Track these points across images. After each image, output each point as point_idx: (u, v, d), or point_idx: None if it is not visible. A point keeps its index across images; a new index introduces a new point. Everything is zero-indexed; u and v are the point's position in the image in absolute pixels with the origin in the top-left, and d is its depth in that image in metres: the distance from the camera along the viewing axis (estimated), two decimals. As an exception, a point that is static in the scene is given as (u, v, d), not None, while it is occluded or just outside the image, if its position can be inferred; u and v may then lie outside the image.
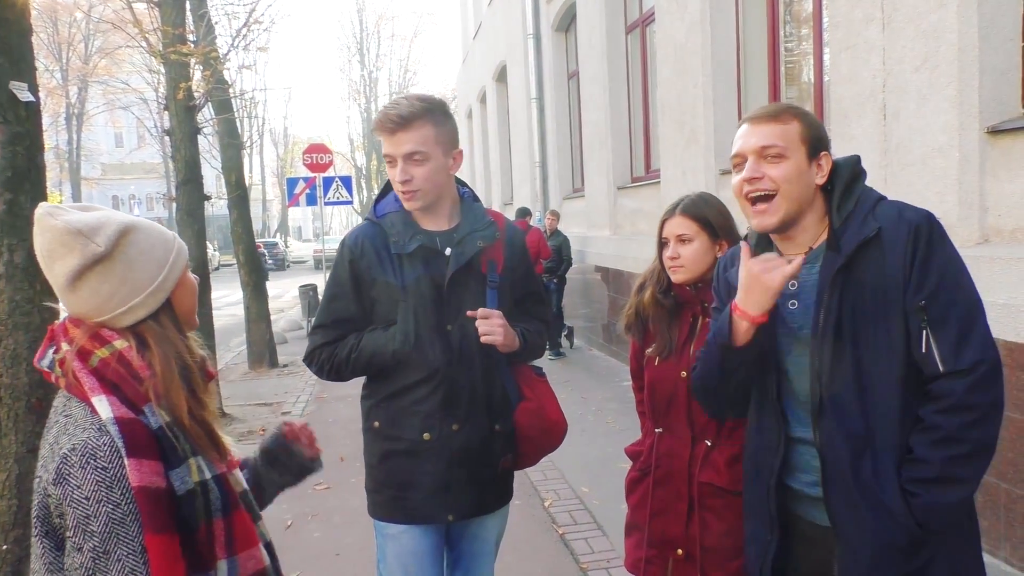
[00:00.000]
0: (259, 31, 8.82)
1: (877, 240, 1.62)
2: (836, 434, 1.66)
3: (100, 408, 1.26)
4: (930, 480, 1.58)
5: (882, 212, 1.65)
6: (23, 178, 3.77)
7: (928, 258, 1.59)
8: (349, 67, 46.19)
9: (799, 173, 1.66)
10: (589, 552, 4.09)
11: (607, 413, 6.81)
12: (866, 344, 1.63)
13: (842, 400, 1.65)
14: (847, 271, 1.64)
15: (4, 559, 3.79)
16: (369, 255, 2.24)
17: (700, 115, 6.51)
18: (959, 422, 1.56)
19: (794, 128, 1.68)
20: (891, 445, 1.63)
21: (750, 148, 1.69)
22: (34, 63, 3.97)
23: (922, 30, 3.77)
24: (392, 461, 2.25)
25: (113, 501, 1.22)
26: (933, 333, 1.58)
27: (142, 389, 1.30)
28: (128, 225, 1.35)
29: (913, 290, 1.59)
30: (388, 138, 2.16)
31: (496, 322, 2.19)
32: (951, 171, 3.67)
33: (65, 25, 35.89)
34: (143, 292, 1.35)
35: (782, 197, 1.66)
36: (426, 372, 2.20)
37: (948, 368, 1.57)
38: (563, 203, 11.65)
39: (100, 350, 1.31)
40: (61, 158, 39.01)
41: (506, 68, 15.06)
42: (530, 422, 2.33)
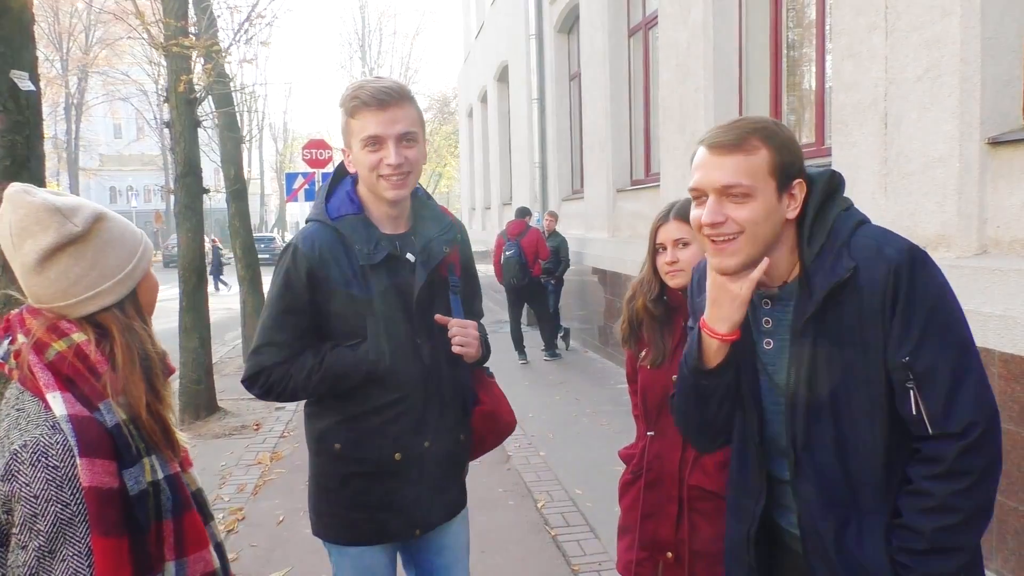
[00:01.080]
0: (261, 25, 8.80)
1: (852, 281, 1.42)
2: (815, 502, 1.51)
3: (54, 405, 1.23)
4: (923, 551, 1.43)
5: (858, 246, 1.45)
6: (22, 167, 3.76)
7: (910, 305, 1.41)
8: (350, 64, 46.07)
9: (767, 213, 1.44)
10: (581, 554, 4.09)
11: (601, 415, 6.81)
12: (845, 402, 1.46)
13: (820, 464, 1.50)
14: (819, 319, 1.46)
15: None
16: (329, 264, 1.98)
17: (701, 119, 6.51)
18: (952, 489, 1.41)
19: (761, 159, 1.44)
20: (876, 508, 1.48)
21: (711, 185, 1.45)
22: (35, 52, 3.96)
23: (925, 39, 3.78)
24: (356, 483, 2.06)
25: (62, 501, 1.20)
26: (920, 391, 1.41)
27: (99, 385, 1.27)
28: (103, 211, 1.35)
29: (895, 344, 1.42)
30: (377, 114, 1.91)
31: (472, 333, 2.08)
32: (951, 181, 3.68)
33: (66, 15, 35.81)
34: (112, 279, 1.33)
35: (746, 240, 1.45)
36: (401, 390, 2.02)
37: (938, 430, 1.41)
38: (562, 204, 11.65)
39: (57, 343, 1.28)
40: (59, 148, 38.93)
41: (508, 68, 15.06)
42: (485, 426, 2.25)
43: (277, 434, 6.63)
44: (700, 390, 1.60)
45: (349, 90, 2.00)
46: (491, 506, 4.70)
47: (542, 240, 9.60)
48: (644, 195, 8.33)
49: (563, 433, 6.34)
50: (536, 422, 6.59)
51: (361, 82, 2.00)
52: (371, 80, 2.00)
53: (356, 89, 1.97)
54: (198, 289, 7.27)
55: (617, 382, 7.97)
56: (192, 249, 7.32)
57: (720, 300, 1.51)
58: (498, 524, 4.47)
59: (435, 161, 42.58)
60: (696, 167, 1.49)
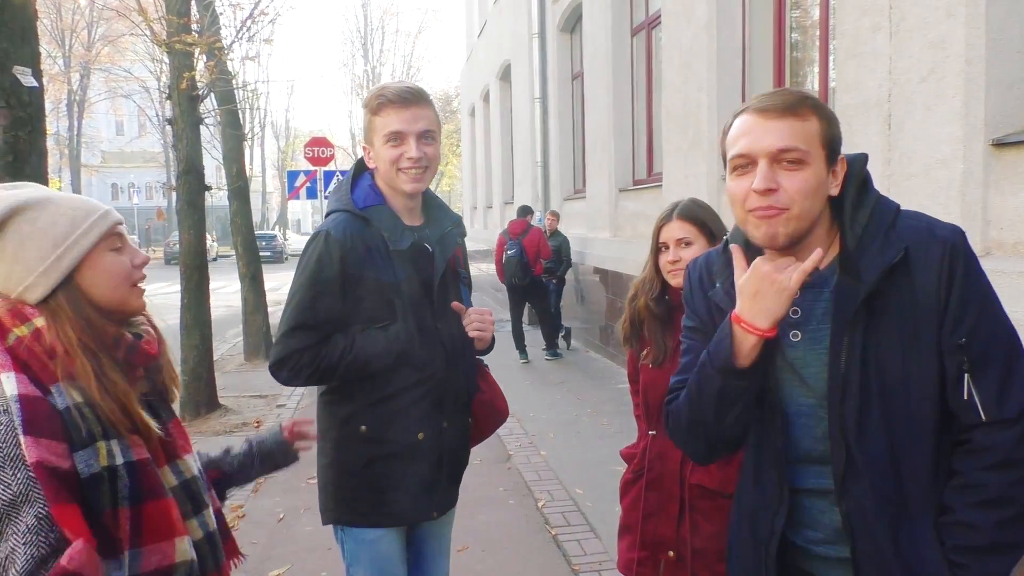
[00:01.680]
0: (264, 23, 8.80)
1: (903, 264, 1.35)
2: (869, 500, 1.40)
3: (6, 384, 1.24)
4: (982, 549, 1.34)
5: (906, 227, 1.38)
6: (24, 163, 3.76)
7: (967, 286, 1.34)
8: (352, 62, 46.18)
9: (818, 185, 1.37)
10: (581, 554, 4.08)
11: (602, 415, 6.81)
12: (896, 391, 1.37)
13: (874, 460, 1.39)
14: (868, 304, 1.37)
15: None
16: (360, 250, 2.08)
17: (704, 119, 6.50)
18: (1008, 480, 1.33)
19: (814, 126, 1.37)
20: (927, 507, 1.39)
21: (763, 150, 1.36)
22: (38, 49, 3.96)
23: (929, 40, 3.77)
24: (379, 465, 2.15)
25: (3, 482, 1.20)
26: (973, 376, 1.34)
27: (51, 367, 1.28)
28: (21, 204, 1.33)
29: (951, 325, 1.34)
30: (399, 111, 2.07)
31: (489, 319, 2.22)
32: (955, 183, 3.67)
33: (69, 11, 35.81)
34: (34, 272, 1.32)
35: (795, 212, 1.36)
36: (426, 372, 2.15)
37: (992, 417, 1.33)
38: (564, 204, 11.64)
39: (19, 328, 1.30)
40: (61, 144, 38.93)
41: (510, 67, 15.05)
42: (484, 413, 2.37)
43: (278, 432, 6.61)
44: (725, 393, 1.45)
45: (374, 91, 2.16)
46: (492, 505, 4.70)
47: (544, 239, 9.59)
48: (646, 195, 8.32)
49: (564, 432, 6.34)
50: (537, 421, 6.59)
51: (385, 84, 2.17)
52: (395, 82, 2.18)
53: (381, 89, 2.12)
54: (199, 286, 7.28)
55: (618, 382, 7.97)
56: (194, 246, 7.32)
57: (763, 292, 1.37)
58: (499, 523, 4.47)
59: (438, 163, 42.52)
60: (741, 134, 1.40)
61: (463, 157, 24.76)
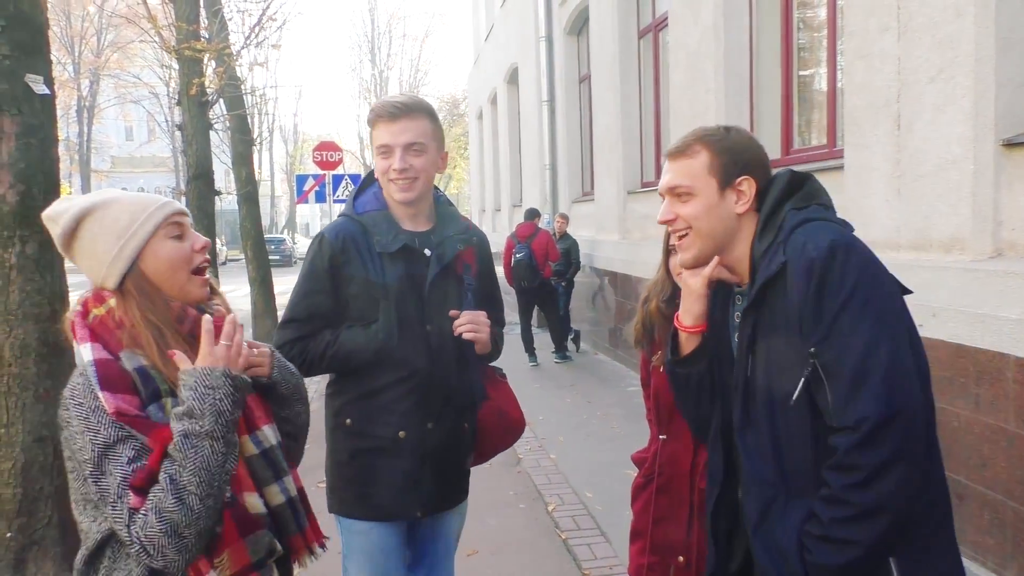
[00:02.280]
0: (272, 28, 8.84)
1: (782, 276, 1.52)
2: (750, 479, 1.63)
3: (83, 353, 1.45)
4: (819, 538, 1.49)
5: (791, 242, 1.53)
6: (36, 170, 3.79)
7: (822, 297, 1.46)
8: (360, 66, 46.29)
9: (708, 208, 1.63)
10: (592, 558, 4.08)
11: (612, 418, 6.80)
12: (776, 388, 1.55)
13: (755, 444, 1.61)
14: (756, 311, 1.58)
15: (8, 546, 3.81)
16: (350, 251, 2.22)
17: (712, 121, 6.47)
18: (843, 482, 1.45)
19: (701, 161, 1.64)
20: (803, 492, 1.55)
21: (663, 188, 1.69)
22: (49, 56, 3.99)
23: (938, 40, 3.76)
24: (364, 458, 2.25)
25: (93, 429, 1.39)
26: (828, 383, 1.46)
27: (119, 336, 1.48)
28: (88, 207, 1.52)
29: (806, 335, 1.48)
30: (389, 125, 2.18)
31: (482, 320, 2.26)
32: (965, 183, 3.65)
33: (78, 18, 36.04)
34: (105, 264, 1.51)
35: (695, 234, 1.65)
36: (406, 371, 2.21)
37: (837, 423, 1.45)
38: (572, 206, 11.64)
39: (97, 308, 1.51)
40: (71, 150, 39.15)
41: (517, 70, 15.06)
42: (493, 421, 2.39)
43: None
44: (676, 379, 1.81)
45: (374, 104, 2.29)
46: (502, 509, 4.69)
47: (552, 242, 9.59)
48: (655, 197, 8.28)
49: (573, 436, 6.33)
50: (546, 425, 6.58)
51: (383, 98, 2.30)
52: (390, 97, 2.26)
53: (377, 104, 2.25)
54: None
55: (628, 385, 7.96)
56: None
57: (684, 295, 1.73)
58: (509, 527, 4.47)
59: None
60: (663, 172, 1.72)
61: (471, 160, 24.78)
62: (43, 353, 3.82)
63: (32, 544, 3.83)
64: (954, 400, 3.62)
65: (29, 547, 3.83)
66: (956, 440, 3.63)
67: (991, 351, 3.43)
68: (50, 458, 3.84)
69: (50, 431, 3.84)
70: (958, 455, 3.64)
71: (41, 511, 3.85)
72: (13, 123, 3.72)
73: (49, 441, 3.84)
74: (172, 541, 1.35)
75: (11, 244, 3.75)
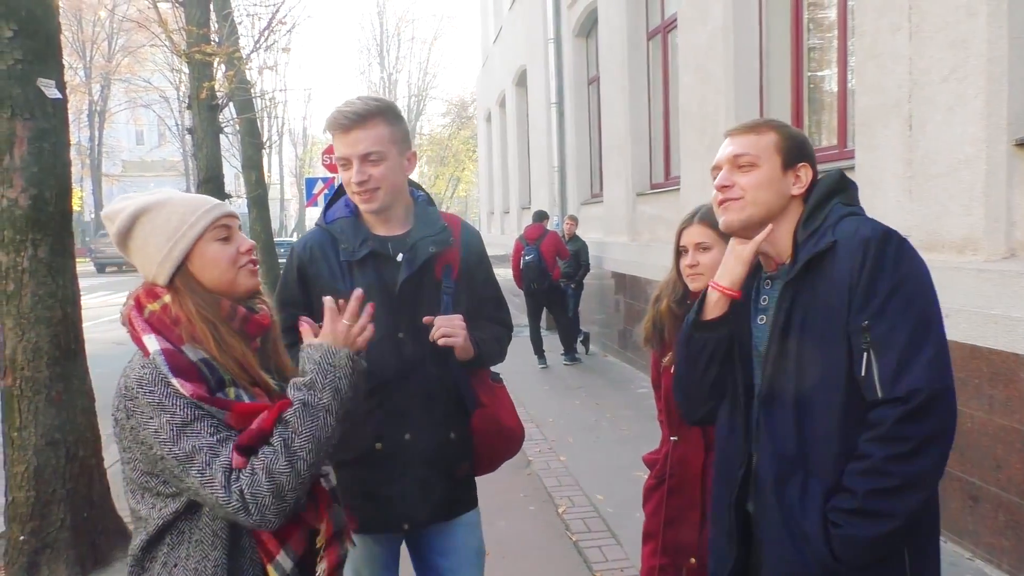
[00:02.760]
0: (282, 32, 8.87)
1: (831, 255, 1.58)
2: (766, 454, 1.63)
3: (149, 343, 1.50)
4: (851, 511, 1.51)
5: (842, 227, 1.61)
6: (48, 174, 3.81)
7: (876, 275, 1.53)
8: (369, 69, 46.46)
9: (769, 180, 1.67)
10: (603, 560, 4.06)
11: (622, 420, 6.78)
12: (809, 363, 1.58)
13: (776, 420, 1.62)
14: (797, 286, 1.62)
15: (21, 549, 3.83)
16: (318, 262, 2.18)
17: (722, 122, 6.47)
18: (887, 453, 1.48)
19: (769, 138, 1.70)
20: (824, 471, 1.57)
21: (725, 158, 1.71)
22: (61, 61, 4.01)
23: (950, 40, 3.73)
24: (344, 471, 2.11)
25: (169, 411, 1.44)
26: (875, 356, 1.51)
27: (178, 331, 1.53)
28: (142, 208, 1.59)
29: (857, 309, 1.53)
30: (342, 137, 2.10)
31: (457, 324, 2.13)
32: (977, 184, 3.63)
33: (89, 23, 36.26)
34: (155, 263, 1.58)
35: (747, 201, 1.67)
36: (376, 381, 2.05)
37: (885, 395, 1.50)
38: (581, 208, 11.63)
39: (152, 304, 1.57)
40: (83, 154, 39.37)
41: (526, 72, 15.07)
42: (487, 428, 2.27)
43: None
44: (692, 344, 1.78)
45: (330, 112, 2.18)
46: (512, 511, 4.69)
47: (561, 243, 9.58)
48: (664, 199, 8.30)
49: (583, 438, 6.32)
50: (556, 427, 6.57)
51: (339, 105, 2.16)
52: (343, 104, 2.15)
53: (332, 113, 2.14)
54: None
55: (638, 387, 7.94)
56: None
57: (727, 260, 1.73)
58: (519, 529, 4.46)
59: (453, 165, 42.65)
60: (719, 151, 1.75)
61: (480, 163, 24.80)
62: (55, 357, 3.84)
63: (45, 547, 3.84)
64: (968, 401, 3.60)
65: (42, 550, 3.85)
66: (970, 442, 3.61)
67: (1005, 352, 3.40)
68: (63, 461, 3.86)
69: (62, 434, 3.86)
70: (972, 457, 3.61)
71: (54, 514, 3.87)
72: (26, 127, 3.74)
73: (62, 444, 3.86)
74: (275, 502, 1.44)
75: (23, 248, 3.77)
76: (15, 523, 3.85)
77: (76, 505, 3.90)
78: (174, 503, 1.50)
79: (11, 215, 3.72)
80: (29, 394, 3.79)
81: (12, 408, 3.81)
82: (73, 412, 3.90)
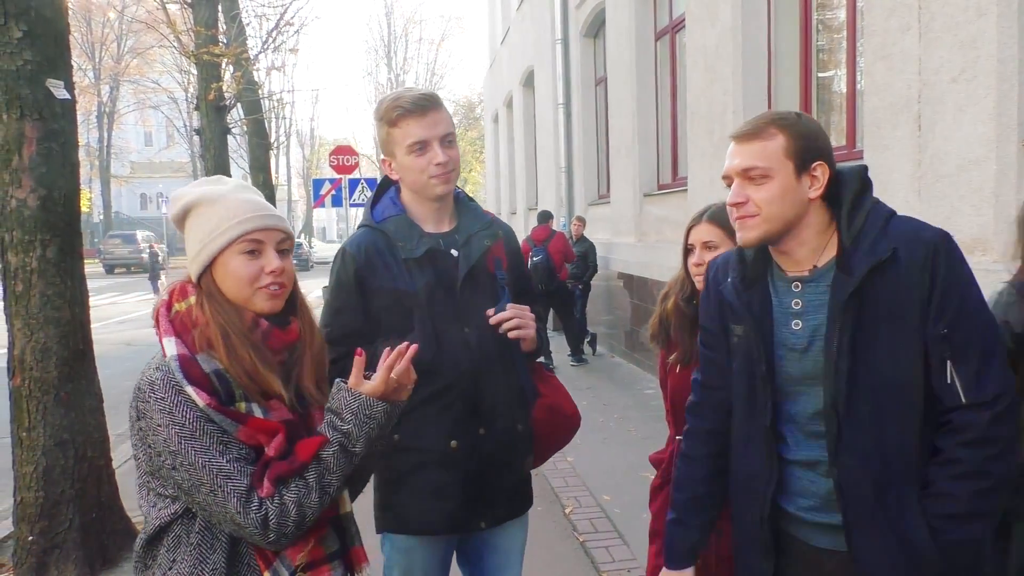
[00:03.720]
0: (289, 33, 8.90)
1: (892, 262, 1.53)
2: (857, 468, 1.58)
3: (167, 347, 1.48)
4: (958, 516, 1.52)
5: (896, 230, 1.57)
6: (57, 174, 3.82)
7: (949, 282, 1.52)
8: (376, 70, 46.50)
9: (783, 192, 1.59)
10: (610, 560, 4.06)
11: (629, 421, 6.77)
12: (884, 373, 1.55)
13: (864, 432, 1.57)
14: (860, 295, 1.55)
15: (29, 550, 3.84)
16: (375, 263, 2.11)
17: (730, 123, 6.46)
18: (983, 455, 1.50)
19: (778, 143, 1.59)
20: (910, 478, 1.56)
21: (734, 170, 1.63)
22: (70, 62, 4.03)
23: (960, 40, 3.71)
24: (419, 474, 2.13)
25: (178, 423, 1.41)
26: (954, 362, 1.51)
27: (194, 336, 1.50)
28: (196, 200, 1.57)
29: (934, 317, 1.52)
30: (419, 119, 2.05)
31: (528, 315, 2.13)
32: (987, 184, 3.61)
33: (98, 25, 36.43)
34: (190, 258, 1.58)
35: (762, 218, 1.60)
36: (451, 378, 2.10)
37: (971, 399, 1.51)
38: (588, 209, 11.62)
39: (180, 303, 1.55)
40: (92, 156, 39.58)
41: (533, 73, 15.06)
42: (547, 418, 2.27)
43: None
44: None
45: (388, 102, 2.12)
46: (519, 512, 4.67)
47: (568, 244, 9.57)
48: (671, 199, 8.28)
49: (590, 438, 6.31)
50: (563, 428, 6.55)
51: (398, 93, 2.12)
52: (405, 90, 2.11)
53: (396, 100, 2.09)
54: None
55: (644, 387, 7.92)
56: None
57: None
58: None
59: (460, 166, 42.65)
60: (727, 157, 1.66)
61: (487, 164, 24.81)
62: (64, 357, 3.85)
63: (54, 547, 3.86)
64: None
65: (51, 551, 3.86)
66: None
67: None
68: (71, 462, 3.87)
69: (71, 435, 3.87)
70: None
71: (63, 515, 3.88)
72: (35, 128, 3.75)
73: (70, 445, 3.87)
74: (295, 531, 1.47)
75: (32, 248, 3.78)
76: (24, 523, 3.86)
77: (85, 505, 3.92)
78: (172, 505, 1.49)
79: (20, 216, 3.74)
80: (38, 394, 3.80)
81: (21, 408, 3.82)
82: (82, 412, 3.91)
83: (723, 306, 1.77)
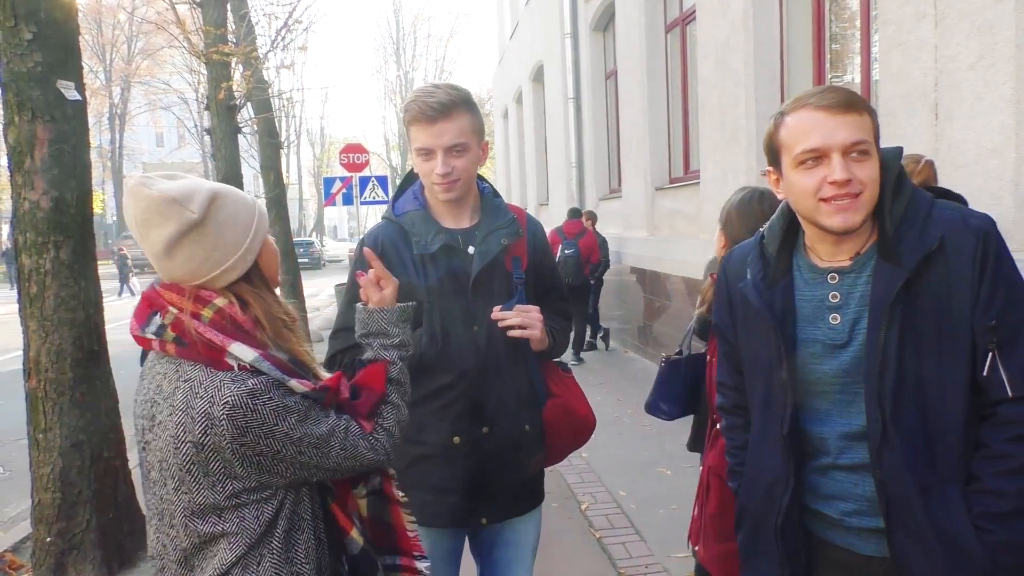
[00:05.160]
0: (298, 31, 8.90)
1: (940, 251, 1.46)
2: (902, 467, 1.49)
3: (241, 353, 1.39)
4: (1006, 514, 1.44)
5: (941, 217, 1.49)
6: (69, 176, 3.83)
7: (997, 272, 1.45)
8: (385, 67, 46.51)
9: (877, 171, 1.49)
10: (627, 556, 4.03)
11: (644, 416, 6.69)
12: (930, 367, 1.48)
13: (909, 430, 1.49)
14: (907, 287, 1.47)
15: (48, 551, 3.85)
16: (390, 255, 2.12)
17: (742, 115, 6.41)
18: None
19: (867, 121, 1.48)
20: (955, 476, 1.49)
21: (837, 144, 1.46)
22: (81, 63, 4.03)
23: (977, 26, 3.66)
24: (422, 466, 2.15)
25: (292, 412, 1.41)
26: (1001, 354, 1.45)
27: (253, 337, 1.44)
28: (216, 191, 1.44)
29: (983, 308, 1.45)
30: (426, 128, 2.05)
31: (534, 316, 2.12)
32: (1007, 173, 3.55)
33: (109, 26, 36.62)
34: (234, 255, 1.45)
35: (867, 198, 1.48)
36: (455, 374, 2.11)
37: (1018, 392, 1.44)
38: (599, 204, 11.58)
39: (204, 310, 1.42)
40: (104, 157, 39.82)
41: (543, 68, 15.02)
42: (559, 419, 2.26)
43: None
44: None
45: (407, 101, 2.15)
46: (534, 509, 4.66)
47: (597, 245, 9.53)
48: (683, 193, 8.23)
49: (605, 434, 6.27)
50: (577, 423, 6.53)
51: (416, 93, 2.12)
52: (425, 93, 2.10)
53: (410, 102, 2.11)
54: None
55: (658, 382, 7.88)
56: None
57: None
58: (543, 526, 4.43)
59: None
60: (809, 129, 1.49)
61: (496, 159, 24.79)
62: (79, 358, 3.86)
63: (71, 548, 3.87)
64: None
65: (68, 552, 3.87)
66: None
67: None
68: (87, 463, 3.88)
69: (87, 436, 3.88)
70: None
71: (80, 515, 3.89)
72: (46, 130, 3.76)
73: (86, 445, 3.88)
74: (396, 443, 1.63)
75: (45, 250, 3.79)
76: (41, 525, 3.87)
77: (101, 506, 3.93)
78: (271, 503, 1.45)
79: (33, 217, 3.74)
80: (53, 396, 3.81)
81: (37, 410, 3.83)
82: (97, 413, 3.92)
83: (739, 305, 1.70)
